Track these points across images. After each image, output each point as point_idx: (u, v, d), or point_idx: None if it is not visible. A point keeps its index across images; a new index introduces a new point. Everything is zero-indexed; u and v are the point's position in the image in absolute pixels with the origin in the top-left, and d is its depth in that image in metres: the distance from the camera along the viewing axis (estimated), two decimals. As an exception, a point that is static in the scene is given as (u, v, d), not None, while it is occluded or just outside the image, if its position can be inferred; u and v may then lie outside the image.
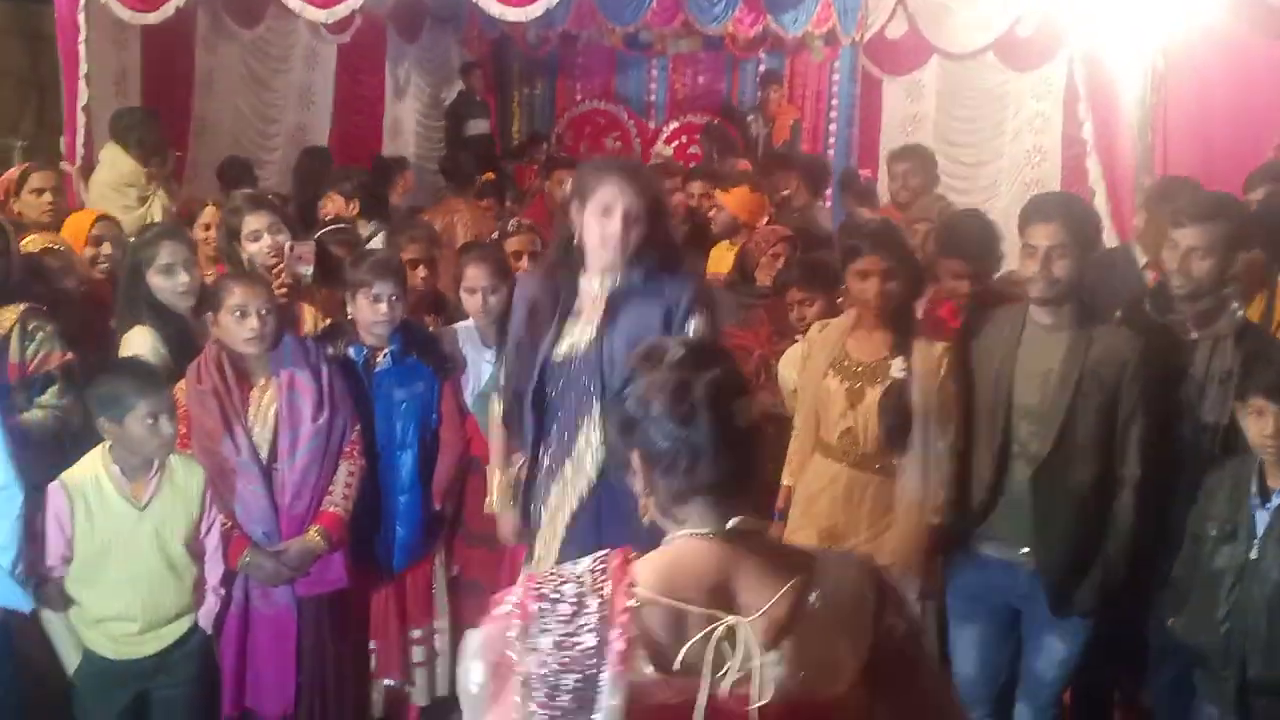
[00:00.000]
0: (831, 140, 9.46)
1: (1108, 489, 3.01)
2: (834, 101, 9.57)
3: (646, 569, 1.55)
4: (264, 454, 3.26)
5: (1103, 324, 3.11)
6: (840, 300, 3.80)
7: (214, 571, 3.14)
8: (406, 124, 9.42)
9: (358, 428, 3.39)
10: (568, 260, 2.89)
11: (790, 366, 3.85)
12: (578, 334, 2.86)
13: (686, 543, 1.59)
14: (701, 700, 1.47)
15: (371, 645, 3.62)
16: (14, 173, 4.66)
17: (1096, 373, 2.97)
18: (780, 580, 1.53)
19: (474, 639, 1.56)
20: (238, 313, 3.22)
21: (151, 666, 3.04)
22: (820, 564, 1.59)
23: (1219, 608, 2.84)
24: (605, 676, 1.46)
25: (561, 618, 1.50)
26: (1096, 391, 2.97)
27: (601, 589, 1.51)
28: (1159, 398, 3.04)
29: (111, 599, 2.96)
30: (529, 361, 2.89)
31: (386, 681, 3.63)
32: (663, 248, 2.88)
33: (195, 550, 3.07)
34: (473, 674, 1.53)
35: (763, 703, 1.47)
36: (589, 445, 2.83)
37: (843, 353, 3.29)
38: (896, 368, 3.17)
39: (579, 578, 1.54)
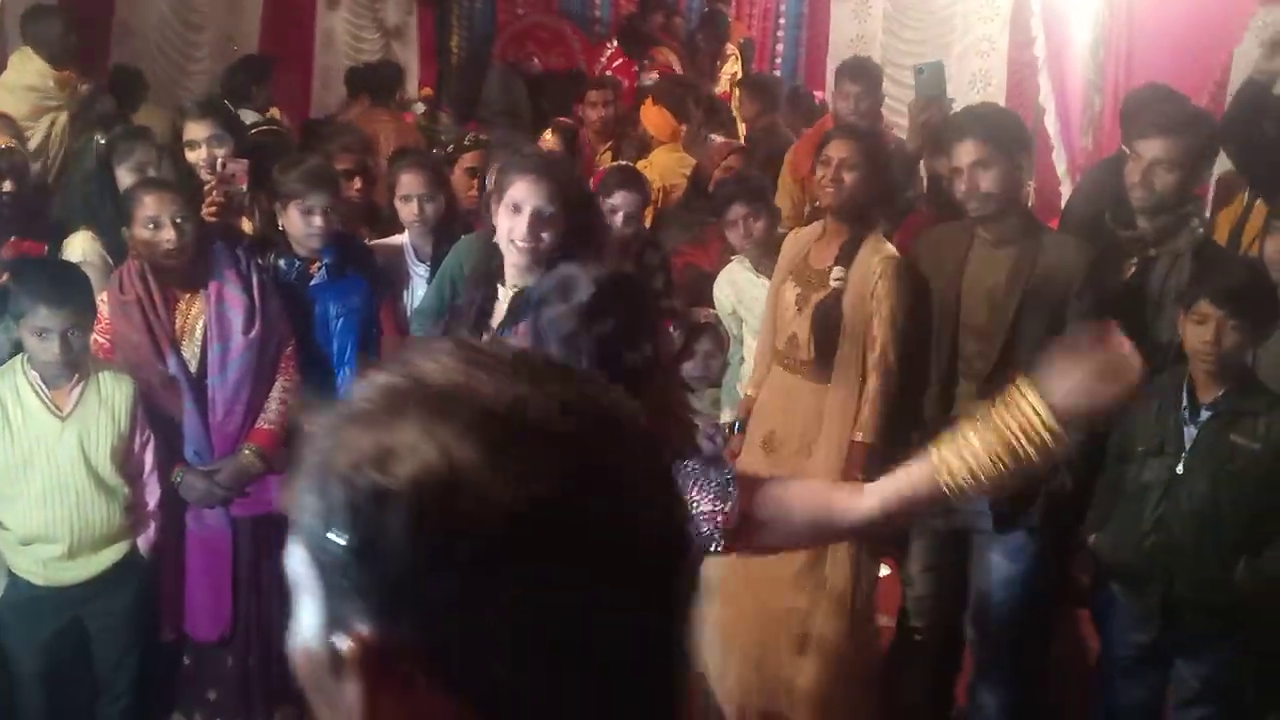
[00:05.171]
0: (778, 60, 9.33)
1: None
2: (781, 20, 9.43)
3: None
4: (193, 369, 3.12)
5: (1052, 235, 3.05)
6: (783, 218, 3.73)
7: (151, 495, 3.01)
8: (339, 35, 9.09)
9: (293, 343, 3.25)
10: (489, 262, 2.62)
11: (725, 287, 3.77)
12: None
13: None
14: None
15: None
16: None
17: (1041, 287, 2.91)
18: None
19: None
20: (150, 225, 3.03)
21: (83, 594, 2.91)
22: None
23: (1143, 523, 2.81)
24: None
25: None
26: (1041, 307, 2.91)
27: None
28: (1111, 314, 2.99)
29: (35, 515, 2.83)
30: None
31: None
32: (586, 249, 2.51)
33: (128, 471, 2.93)
34: None
35: None
36: None
37: (803, 260, 3.24)
38: (835, 275, 3.09)
39: None
